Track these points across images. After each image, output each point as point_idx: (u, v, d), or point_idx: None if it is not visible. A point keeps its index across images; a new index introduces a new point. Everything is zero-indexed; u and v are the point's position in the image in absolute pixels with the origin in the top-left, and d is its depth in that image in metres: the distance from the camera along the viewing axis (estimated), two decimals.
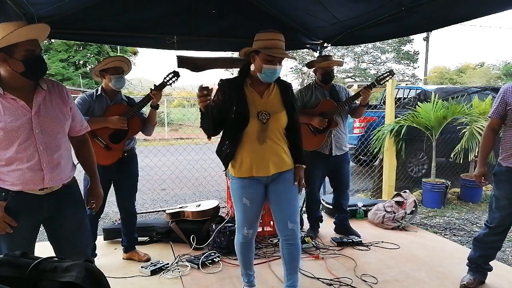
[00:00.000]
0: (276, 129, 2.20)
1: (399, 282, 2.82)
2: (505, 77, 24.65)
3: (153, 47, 3.89)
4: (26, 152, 1.70)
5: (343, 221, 3.78)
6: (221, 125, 2.22)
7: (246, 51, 2.20)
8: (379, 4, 3.02)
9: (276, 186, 2.27)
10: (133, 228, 3.24)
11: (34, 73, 1.73)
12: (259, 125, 2.15)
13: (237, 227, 2.38)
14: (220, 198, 5.36)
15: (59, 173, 1.80)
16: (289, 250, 2.31)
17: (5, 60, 1.67)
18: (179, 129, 15.87)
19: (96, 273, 0.96)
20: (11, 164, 1.70)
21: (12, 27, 1.62)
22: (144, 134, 3.14)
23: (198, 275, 2.92)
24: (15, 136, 1.68)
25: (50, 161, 1.76)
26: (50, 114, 1.77)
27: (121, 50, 18.28)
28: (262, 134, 2.16)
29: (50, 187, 1.77)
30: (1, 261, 0.96)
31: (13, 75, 1.69)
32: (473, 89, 7.16)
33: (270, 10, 3.73)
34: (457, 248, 3.57)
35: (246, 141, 2.18)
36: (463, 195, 5.45)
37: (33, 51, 1.70)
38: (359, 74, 27.91)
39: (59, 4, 2.85)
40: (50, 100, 1.79)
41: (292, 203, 2.31)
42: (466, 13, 2.78)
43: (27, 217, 1.75)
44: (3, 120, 1.66)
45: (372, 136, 5.64)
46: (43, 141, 1.74)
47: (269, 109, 2.18)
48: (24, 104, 1.71)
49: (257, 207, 2.32)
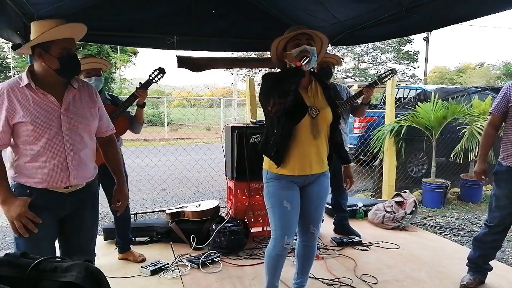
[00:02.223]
0: (324, 126, 2.12)
1: (399, 282, 2.82)
2: (505, 77, 24.64)
3: (153, 47, 3.89)
4: (53, 148, 1.71)
5: (342, 221, 3.78)
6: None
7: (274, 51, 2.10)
8: (379, 4, 3.02)
9: (311, 189, 2.19)
10: (126, 229, 3.22)
11: (68, 71, 1.75)
12: (309, 119, 2.07)
13: (275, 237, 2.15)
14: (220, 198, 5.36)
15: (84, 172, 1.82)
16: (305, 251, 2.32)
17: (41, 55, 1.68)
18: (179, 129, 15.88)
19: (96, 273, 0.96)
20: (37, 160, 1.69)
21: (51, 24, 1.66)
22: (132, 133, 3.11)
23: (198, 275, 2.92)
24: (43, 131, 1.68)
25: (76, 159, 1.77)
26: (79, 112, 1.79)
27: (121, 50, 18.27)
28: (314, 130, 2.07)
29: (74, 185, 1.78)
30: (1, 261, 0.96)
31: (47, 71, 1.70)
32: (473, 89, 7.17)
33: (270, 10, 3.73)
34: (457, 248, 3.57)
35: (299, 135, 2.06)
36: (463, 195, 5.45)
37: (69, 50, 1.72)
38: (359, 74, 27.91)
39: (59, 4, 2.85)
40: (79, 99, 1.81)
41: (320, 209, 2.27)
42: (466, 13, 2.78)
43: (50, 216, 1.75)
44: (33, 114, 1.66)
45: (372, 136, 5.65)
46: (70, 139, 1.75)
47: (316, 104, 2.10)
48: (54, 100, 1.72)
49: (297, 212, 2.16)
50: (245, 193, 3.60)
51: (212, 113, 19.06)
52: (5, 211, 1.67)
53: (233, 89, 22.48)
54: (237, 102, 18.34)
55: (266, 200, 2.20)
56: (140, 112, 3.02)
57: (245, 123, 3.80)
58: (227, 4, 3.52)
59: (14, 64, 17.89)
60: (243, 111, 13.84)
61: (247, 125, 3.63)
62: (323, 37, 2.10)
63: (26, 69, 1.73)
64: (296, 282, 2.40)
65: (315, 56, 2.04)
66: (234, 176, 3.57)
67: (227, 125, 3.76)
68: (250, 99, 5.59)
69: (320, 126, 2.10)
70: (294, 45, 2.03)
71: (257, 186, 3.55)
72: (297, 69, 1.94)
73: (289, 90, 1.92)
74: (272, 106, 1.94)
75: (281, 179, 2.13)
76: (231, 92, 23.18)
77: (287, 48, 2.06)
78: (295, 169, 2.10)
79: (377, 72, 27.57)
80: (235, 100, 18.74)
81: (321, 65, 3.40)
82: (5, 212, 1.67)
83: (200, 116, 16.14)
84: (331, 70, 3.49)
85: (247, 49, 4.72)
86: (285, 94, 1.92)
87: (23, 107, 1.66)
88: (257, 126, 3.58)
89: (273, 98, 1.93)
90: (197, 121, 15.27)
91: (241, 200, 3.60)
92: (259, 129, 3.52)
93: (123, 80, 20.36)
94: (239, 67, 13.41)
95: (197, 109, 19.27)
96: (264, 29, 3.82)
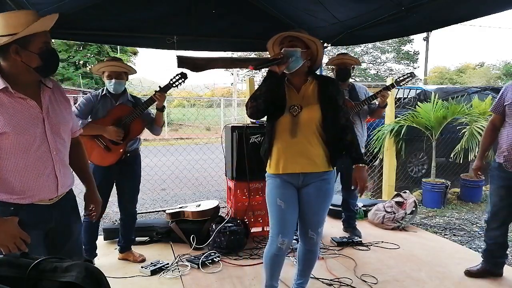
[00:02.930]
0: (307, 124, 2.08)
1: (399, 282, 2.82)
2: (505, 77, 24.65)
3: (153, 47, 3.89)
4: (42, 158, 1.54)
5: (349, 219, 3.82)
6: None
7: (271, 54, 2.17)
8: (379, 4, 3.01)
9: (308, 191, 2.17)
10: (131, 229, 3.23)
11: (50, 68, 1.57)
12: (290, 118, 2.09)
13: (271, 236, 2.17)
14: (220, 198, 5.36)
15: (68, 178, 1.68)
16: (305, 255, 2.32)
17: (17, 52, 1.47)
18: (179, 129, 15.88)
19: (96, 273, 0.96)
20: (26, 173, 1.51)
21: (28, 15, 1.48)
22: (153, 134, 3.17)
23: (198, 275, 2.92)
24: (30, 141, 1.50)
25: (62, 166, 1.62)
26: (58, 114, 1.62)
27: (121, 50, 18.28)
28: (293, 127, 2.09)
29: (60, 194, 1.64)
30: (1, 261, 0.96)
31: (23, 70, 1.50)
32: (473, 89, 7.16)
33: (270, 10, 3.73)
34: (457, 248, 3.57)
35: (278, 133, 2.12)
36: (463, 195, 5.45)
37: (48, 44, 1.55)
38: (359, 74, 27.90)
39: (59, 4, 2.85)
40: (55, 100, 1.63)
41: (319, 214, 2.22)
42: (466, 13, 2.78)
43: (38, 231, 1.57)
44: (16, 124, 1.47)
45: (372, 136, 5.64)
46: (55, 145, 1.58)
47: (302, 103, 2.11)
48: (35, 104, 1.53)
49: (293, 211, 2.16)
50: (245, 193, 3.60)
51: (212, 113, 19.07)
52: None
53: (233, 89, 22.50)
54: (237, 102, 18.35)
55: (266, 199, 2.23)
56: (160, 115, 3.04)
57: (245, 123, 3.81)
58: (227, 4, 3.51)
59: None
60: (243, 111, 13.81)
61: (247, 125, 3.64)
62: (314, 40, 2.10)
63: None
64: (296, 283, 2.41)
65: (297, 57, 2.04)
66: (234, 176, 3.57)
67: (227, 125, 3.76)
68: None
69: (301, 124, 2.08)
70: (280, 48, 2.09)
71: (257, 186, 3.55)
72: (269, 72, 2.01)
73: (260, 94, 2.03)
74: (248, 107, 2.07)
75: (275, 178, 2.17)
76: (231, 92, 23.19)
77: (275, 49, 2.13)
78: (278, 167, 2.13)
79: (377, 72, 27.58)
80: (235, 100, 18.75)
81: (339, 66, 3.50)
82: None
83: (200, 116, 16.14)
84: (349, 71, 3.56)
85: (247, 49, 4.72)
86: (256, 97, 2.03)
87: (3, 116, 1.44)
88: (257, 126, 3.58)
89: (249, 100, 2.06)
90: (197, 121, 15.27)
91: (241, 200, 3.60)
92: (259, 129, 3.53)
93: None
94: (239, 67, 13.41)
95: (197, 109, 19.26)
96: (264, 29, 3.81)
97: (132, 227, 3.24)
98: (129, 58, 19.24)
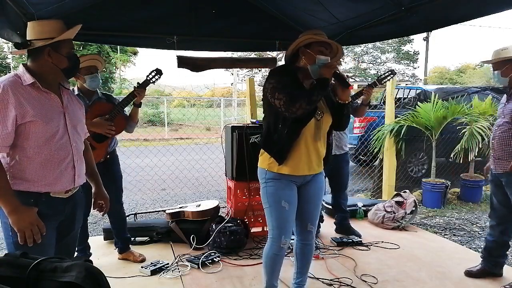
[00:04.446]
0: (325, 128, 2.18)
1: (399, 282, 2.82)
2: None
3: (153, 47, 3.89)
4: (65, 148, 1.71)
5: (343, 221, 3.79)
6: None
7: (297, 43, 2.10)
8: (379, 4, 3.01)
9: (309, 188, 2.23)
10: (123, 229, 3.22)
11: (73, 70, 1.81)
12: (314, 122, 2.11)
13: (272, 237, 2.18)
14: (220, 198, 5.37)
15: (84, 171, 1.85)
16: (303, 249, 2.34)
17: (49, 54, 1.68)
18: (179, 129, 15.87)
19: (96, 273, 0.96)
20: (49, 162, 1.66)
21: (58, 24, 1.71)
22: (126, 132, 3.12)
23: (198, 275, 2.92)
24: (54, 131, 1.67)
25: (79, 159, 1.79)
26: (75, 113, 1.82)
27: (121, 50, 18.27)
28: (317, 132, 2.13)
29: (73, 188, 1.77)
30: (1, 261, 0.96)
31: (51, 71, 1.71)
32: (473, 89, 7.16)
33: (270, 10, 3.73)
34: (457, 248, 3.57)
35: (305, 136, 2.10)
36: (463, 195, 5.45)
37: (73, 49, 1.79)
38: (359, 74, 27.92)
39: (59, 4, 2.85)
40: (71, 100, 1.83)
41: (318, 208, 2.32)
42: (466, 13, 2.78)
43: (52, 223, 1.72)
44: (42, 113, 1.64)
45: (372, 136, 5.65)
46: (74, 138, 1.76)
47: (320, 108, 2.14)
48: (57, 98, 1.73)
49: (294, 211, 2.20)
50: (245, 193, 3.60)
51: (212, 113, 19.07)
52: (15, 220, 1.58)
53: (233, 89, 22.51)
54: (237, 102, 18.37)
55: (263, 199, 2.21)
56: (136, 111, 3.04)
57: (245, 123, 3.81)
58: (227, 4, 3.52)
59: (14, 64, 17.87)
60: (243, 111, 13.84)
61: (247, 125, 3.64)
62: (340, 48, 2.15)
63: (22, 68, 1.68)
64: (296, 282, 2.42)
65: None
66: (234, 176, 3.58)
67: (227, 125, 3.76)
68: (250, 99, 5.58)
69: (323, 128, 2.16)
70: (318, 51, 2.06)
71: (257, 186, 3.52)
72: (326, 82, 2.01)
73: (316, 100, 2.00)
74: (297, 108, 1.96)
75: (281, 179, 2.14)
76: (231, 92, 23.20)
77: (311, 48, 2.08)
78: (297, 169, 2.12)
79: (377, 72, 27.57)
80: (235, 100, 18.77)
81: None
82: (14, 221, 1.58)
83: (200, 116, 16.15)
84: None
85: (247, 49, 4.72)
86: (313, 103, 2.00)
87: (32, 106, 1.62)
88: (257, 126, 3.59)
89: (301, 102, 1.96)
90: (197, 121, 15.27)
91: (241, 200, 3.60)
92: (259, 129, 3.52)
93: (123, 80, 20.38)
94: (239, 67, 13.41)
95: (197, 109, 19.28)
96: (264, 29, 3.82)
97: (124, 227, 3.23)
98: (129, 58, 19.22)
